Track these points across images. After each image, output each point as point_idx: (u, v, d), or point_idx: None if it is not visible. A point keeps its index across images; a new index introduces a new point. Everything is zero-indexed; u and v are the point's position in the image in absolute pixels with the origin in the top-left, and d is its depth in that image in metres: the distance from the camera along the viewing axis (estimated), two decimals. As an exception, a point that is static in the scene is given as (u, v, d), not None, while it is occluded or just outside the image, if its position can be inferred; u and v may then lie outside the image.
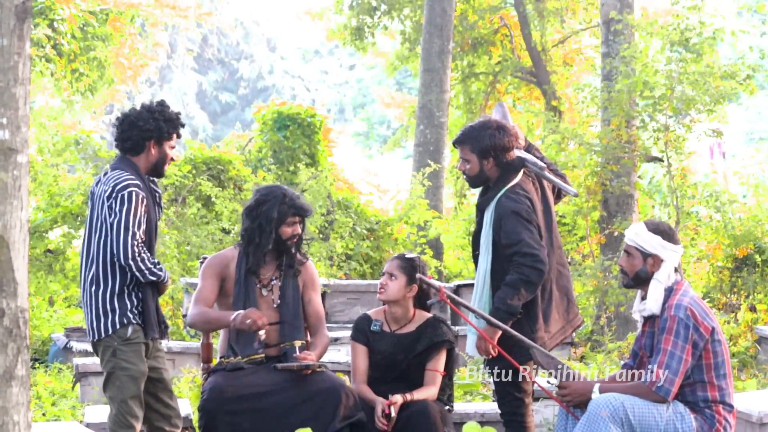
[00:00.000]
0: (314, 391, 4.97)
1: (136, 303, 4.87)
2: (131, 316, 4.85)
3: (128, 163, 4.98)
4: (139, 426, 4.84)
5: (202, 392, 5.05)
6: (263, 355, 5.12)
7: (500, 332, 5.00)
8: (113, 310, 4.83)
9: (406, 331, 5.31)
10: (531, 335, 5.08)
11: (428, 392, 5.20)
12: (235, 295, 5.19)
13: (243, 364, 5.08)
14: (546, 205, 5.31)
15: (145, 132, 4.97)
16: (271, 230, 5.15)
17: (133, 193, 4.82)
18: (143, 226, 4.86)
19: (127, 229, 4.79)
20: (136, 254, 4.79)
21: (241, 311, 5.01)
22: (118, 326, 4.83)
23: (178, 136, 5.10)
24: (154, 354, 4.99)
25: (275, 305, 5.22)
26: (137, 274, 4.82)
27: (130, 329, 4.84)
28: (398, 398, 5.08)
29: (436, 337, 5.25)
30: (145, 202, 4.87)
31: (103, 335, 4.85)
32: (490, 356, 5.08)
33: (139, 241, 4.81)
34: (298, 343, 5.13)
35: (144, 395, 4.93)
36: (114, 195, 4.84)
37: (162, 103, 5.09)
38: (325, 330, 5.31)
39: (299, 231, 5.22)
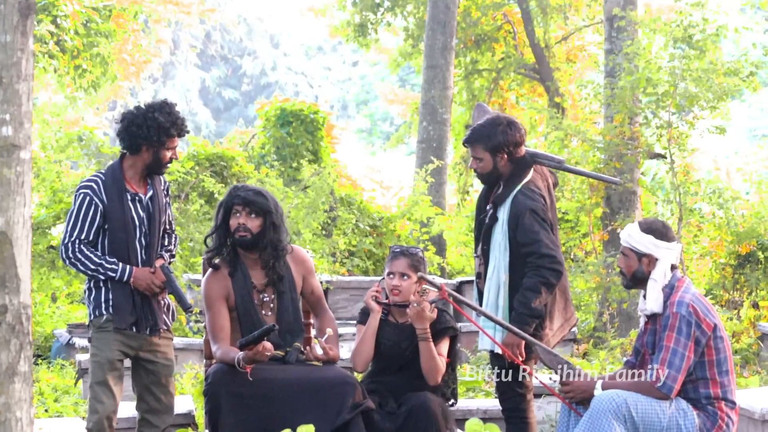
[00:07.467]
0: (321, 379, 4.95)
1: (111, 296, 5.06)
2: (103, 307, 5.07)
3: (117, 162, 5.17)
4: (104, 412, 4.97)
5: (205, 377, 5.04)
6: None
7: (523, 341, 4.99)
8: (91, 302, 5.11)
9: (410, 321, 5.31)
10: (537, 333, 5.08)
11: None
12: (238, 303, 5.17)
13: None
14: (551, 202, 5.31)
15: (137, 137, 5.09)
16: (219, 225, 5.22)
17: (80, 195, 5.05)
18: (89, 227, 5.02)
19: (65, 229, 5.06)
20: (69, 253, 5.02)
21: (241, 354, 4.85)
22: (92, 316, 5.11)
23: (181, 136, 5.16)
24: (149, 347, 5.15)
25: (272, 308, 5.20)
26: (78, 271, 5.08)
27: (102, 319, 5.07)
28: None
29: (439, 324, 5.25)
30: (94, 205, 5.02)
31: (88, 323, 5.19)
32: (517, 361, 5.07)
33: (78, 241, 5.02)
34: (297, 345, 5.09)
35: (137, 385, 5.18)
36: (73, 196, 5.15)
37: (160, 108, 5.10)
38: (327, 311, 5.35)
39: (246, 222, 5.13)
